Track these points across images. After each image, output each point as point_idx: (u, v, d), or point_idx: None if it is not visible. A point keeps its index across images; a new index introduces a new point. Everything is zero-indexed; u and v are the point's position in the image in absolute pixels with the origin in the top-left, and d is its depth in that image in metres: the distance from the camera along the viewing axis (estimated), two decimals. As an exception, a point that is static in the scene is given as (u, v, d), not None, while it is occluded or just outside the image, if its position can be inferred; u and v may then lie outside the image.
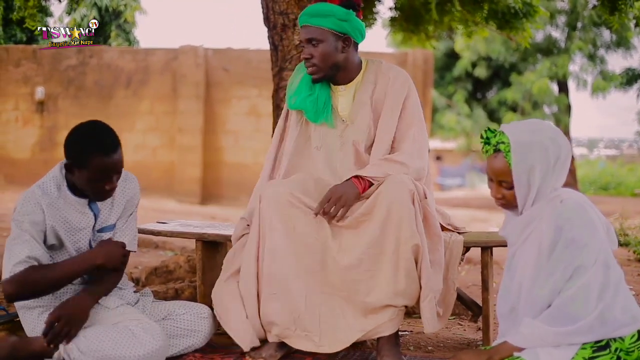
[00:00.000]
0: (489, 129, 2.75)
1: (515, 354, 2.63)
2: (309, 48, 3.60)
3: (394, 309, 3.40)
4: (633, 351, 2.60)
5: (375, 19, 7.39)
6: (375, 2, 7.26)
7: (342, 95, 3.72)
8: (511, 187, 2.70)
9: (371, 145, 3.68)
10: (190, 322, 3.53)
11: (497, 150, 2.69)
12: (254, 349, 3.54)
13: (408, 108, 3.70)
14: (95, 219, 3.43)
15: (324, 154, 3.68)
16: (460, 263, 3.80)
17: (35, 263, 3.19)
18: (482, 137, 2.76)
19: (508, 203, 2.76)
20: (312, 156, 3.71)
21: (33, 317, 3.36)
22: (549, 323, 2.60)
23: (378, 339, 3.45)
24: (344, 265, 3.37)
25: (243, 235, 3.66)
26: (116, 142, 3.26)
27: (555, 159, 2.65)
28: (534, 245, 2.71)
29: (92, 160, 3.20)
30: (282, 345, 3.50)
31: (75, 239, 3.37)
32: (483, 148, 2.75)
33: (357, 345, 3.70)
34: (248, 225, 3.64)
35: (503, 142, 2.67)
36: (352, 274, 3.37)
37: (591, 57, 24.47)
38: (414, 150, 3.62)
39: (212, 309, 3.73)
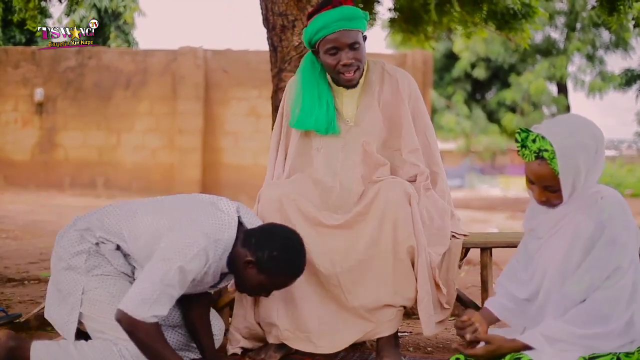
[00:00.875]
0: (521, 129, 2.69)
1: (522, 352, 2.61)
2: (349, 53, 3.50)
3: (393, 310, 3.40)
4: (633, 353, 2.59)
5: (375, 20, 7.39)
6: (375, 3, 7.27)
7: (347, 96, 3.68)
8: (556, 190, 2.67)
9: (382, 145, 3.67)
10: None
11: (539, 157, 2.65)
12: (253, 350, 3.55)
13: (422, 111, 3.75)
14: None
15: (324, 155, 3.65)
16: (460, 265, 3.81)
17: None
18: (517, 140, 2.70)
19: (551, 204, 2.73)
20: (313, 158, 3.68)
21: (62, 314, 3.28)
22: (577, 324, 2.58)
23: (377, 339, 3.45)
24: (343, 268, 3.37)
25: None
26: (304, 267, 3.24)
27: (594, 152, 2.63)
28: (565, 238, 2.68)
29: (281, 279, 3.17)
30: (281, 346, 3.51)
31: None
32: (520, 152, 2.70)
33: (357, 346, 3.71)
34: None
35: (546, 150, 2.60)
36: (350, 276, 3.37)
37: (590, 58, 24.49)
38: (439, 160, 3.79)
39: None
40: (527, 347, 2.60)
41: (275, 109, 4.69)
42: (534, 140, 2.63)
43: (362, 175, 3.58)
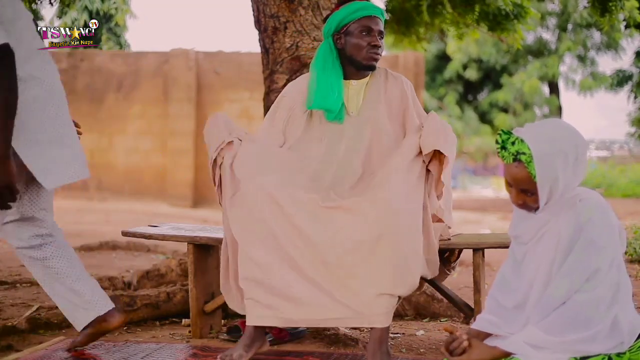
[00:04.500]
0: (503, 131, 2.70)
1: (513, 356, 2.60)
2: (377, 39, 3.71)
3: (389, 300, 3.33)
4: (624, 353, 2.59)
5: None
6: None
7: (352, 90, 3.78)
8: (533, 194, 2.67)
9: (388, 139, 3.70)
10: None
11: (516, 160, 2.67)
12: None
13: (422, 113, 3.82)
14: None
15: (326, 146, 3.69)
16: (452, 267, 3.80)
17: None
18: (497, 142, 2.70)
19: (528, 207, 2.73)
20: (314, 148, 3.70)
21: None
22: (556, 332, 2.57)
23: (369, 340, 3.41)
24: (343, 250, 3.32)
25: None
26: None
27: (573, 160, 2.63)
28: (550, 243, 2.68)
29: None
30: (250, 344, 3.43)
31: None
32: (500, 153, 2.70)
33: (349, 345, 3.70)
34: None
35: (524, 153, 2.60)
36: (350, 258, 3.32)
37: (581, 59, 24.59)
38: None
39: (204, 312, 3.69)
40: (509, 354, 2.60)
41: (267, 110, 4.68)
42: (513, 143, 2.63)
43: (363, 163, 3.65)
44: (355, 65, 3.76)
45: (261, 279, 3.38)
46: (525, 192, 2.68)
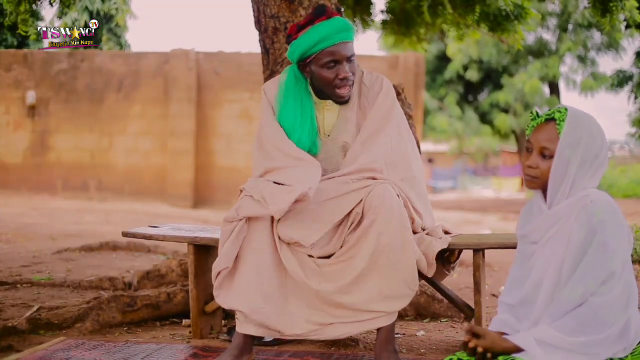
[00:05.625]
0: (537, 112, 2.78)
1: (514, 355, 2.60)
2: (347, 66, 3.43)
3: (391, 301, 3.31)
4: (626, 357, 2.59)
5: (372, 22, 7.40)
6: (371, 6, 7.29)
7: (328, 110, 3.60)
8: (550, 157, 2.68)
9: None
10: None
11: (549, 120, 2.70)
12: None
13: (396, 118, 3.62)
14: None
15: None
16: (452, 267, 3.79)
17: None
18: (531, 113, 2.76)
19: (540, 177, 2.72)
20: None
21: None
22: (570, 332, 2.57)
23: (376, 342, 3.40)
24: (331, 289, 3.32)
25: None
26: None
27: (595, 155, 2.65)
28: (560, 245, 2.68)
29: None
30: (239, 355, 3.39)
31: None
32: (531, 123, 2.75)
33: (349, 346, 3.70)
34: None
35: (559, 112, 2.68)
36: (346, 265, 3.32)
37: (582, 59, 24.57)
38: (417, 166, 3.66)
39: (205, 312, 3.68)
40: (518, 348, 2.59)
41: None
42: (548, 109, 2.71)
43: (343, 181, 3.46)
44: (326, 96, 3.55)
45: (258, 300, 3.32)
46: (544, 153, 2.69)
